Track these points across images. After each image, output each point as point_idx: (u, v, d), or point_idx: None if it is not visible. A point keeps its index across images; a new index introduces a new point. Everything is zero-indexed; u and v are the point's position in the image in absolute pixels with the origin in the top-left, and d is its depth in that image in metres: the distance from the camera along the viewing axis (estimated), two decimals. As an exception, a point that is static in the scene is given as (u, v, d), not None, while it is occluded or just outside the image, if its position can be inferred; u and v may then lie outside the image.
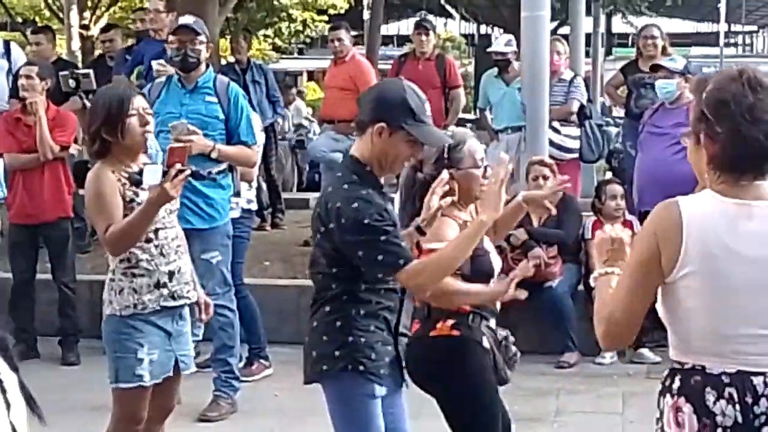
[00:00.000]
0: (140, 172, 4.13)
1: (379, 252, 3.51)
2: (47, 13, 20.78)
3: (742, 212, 2.66)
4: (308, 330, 3.74)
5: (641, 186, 7.30)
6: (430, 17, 11.96)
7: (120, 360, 4.29)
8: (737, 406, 2.66)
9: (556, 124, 8.37)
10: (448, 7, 32.65)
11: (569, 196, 7.21)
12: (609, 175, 9.18)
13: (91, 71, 5.78)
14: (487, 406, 4.07)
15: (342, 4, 23.36)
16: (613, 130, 9.04)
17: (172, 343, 4.39)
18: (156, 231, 4.30)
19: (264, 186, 9.78)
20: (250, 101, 7.24)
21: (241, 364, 6.57)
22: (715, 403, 2.67)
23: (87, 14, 17.48)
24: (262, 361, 6.88)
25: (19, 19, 21.19)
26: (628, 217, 7.28)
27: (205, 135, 5.77)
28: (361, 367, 3.63)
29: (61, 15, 17.86)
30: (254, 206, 7.03)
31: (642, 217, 7.15)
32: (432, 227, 3.83)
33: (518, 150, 8.23)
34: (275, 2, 21.91)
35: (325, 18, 23.05)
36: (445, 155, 4.03)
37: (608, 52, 29.34)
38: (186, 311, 4.50)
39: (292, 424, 6.04)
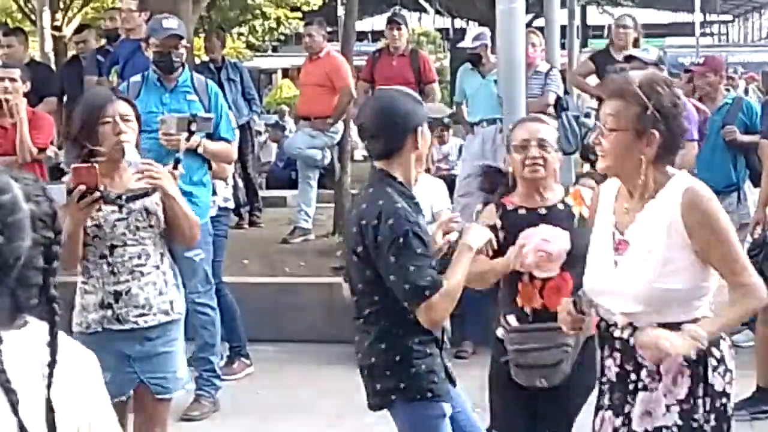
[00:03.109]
0: None
1: (406, 281, 3.49)
2: (19, 15, 20.66)
3: None
4: (363, 361, 3.71)
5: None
6: (404, 12, 11.98)
7: None
8: None
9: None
10: (422, 2, 32.70)
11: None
12: (587, 168, 9.18)
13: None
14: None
15: (316, 0, 23.35)
16: (590, 122, 9.03)
17: (134, 365, 4.10)
18: (112, 248, 4.07)
19: (240, 184, 9.77)
20: (225, 99, 7.21)
21: (222, 363, 6.56)
22: None
23: (59, 15, 17.39)
24: (243, 359, 6.87)
25: (-9, 22, 21.05)
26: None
27: None
28: (430, 394, 3.65)
29: (33, 17, 17.74)
30: (231, 204, 7.02)
31: None
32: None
33: (494, 142, 8.23)
34: (248, 0, 21.89)
35: (299, 15, 23.04)
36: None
37: (584, 44, 29.42)
38: (168, 330, 4.19)
39: (273, 422, 6.04)
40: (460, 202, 7.79)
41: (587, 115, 9.06)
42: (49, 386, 1.73)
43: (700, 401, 3.17)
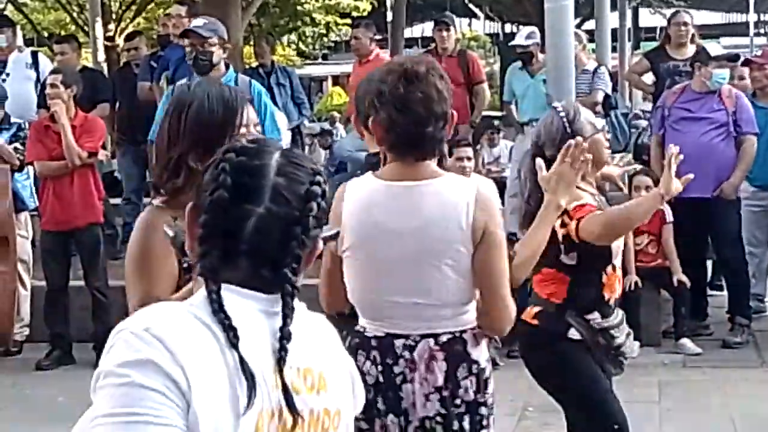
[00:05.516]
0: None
1: None
2: (72, 27, 20.96)
3: (390, 191, 2.91)
4: None
5: (681, 171, 7.17)
6: (454, 17, 11.94)
7: None
8: (379, 367, 2.95)
9: (581, 115, 8.31)
10: (472, 7, 32.67)
11: (598, 187, 7.14)
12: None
13: None
14: (586, 397, 4.03)
15: (365, 6, 23.42)
16: (642, 123, 8.94)
17: None
18: None
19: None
20: (275, 104, 7.26)
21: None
22: (363, 363, 2.94)
23: (112, 26, 17.63)
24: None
25: (46, 34, 21.36)
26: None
27: None
28: None
29: (86, 28, 18.00)
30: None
31: (682, 204, 6.97)
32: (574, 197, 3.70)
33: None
34: (298, 7, 22.02)
35: (349, 21, 23.14)
36: (568, 129, 3.86)
37: (636, 47, 29.19)
38: None
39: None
40: (511, 203, 7.77)
41: (637, 117, 8.99)
42: (280, 370, 1.66)
43: (464, 382, 2.93)
